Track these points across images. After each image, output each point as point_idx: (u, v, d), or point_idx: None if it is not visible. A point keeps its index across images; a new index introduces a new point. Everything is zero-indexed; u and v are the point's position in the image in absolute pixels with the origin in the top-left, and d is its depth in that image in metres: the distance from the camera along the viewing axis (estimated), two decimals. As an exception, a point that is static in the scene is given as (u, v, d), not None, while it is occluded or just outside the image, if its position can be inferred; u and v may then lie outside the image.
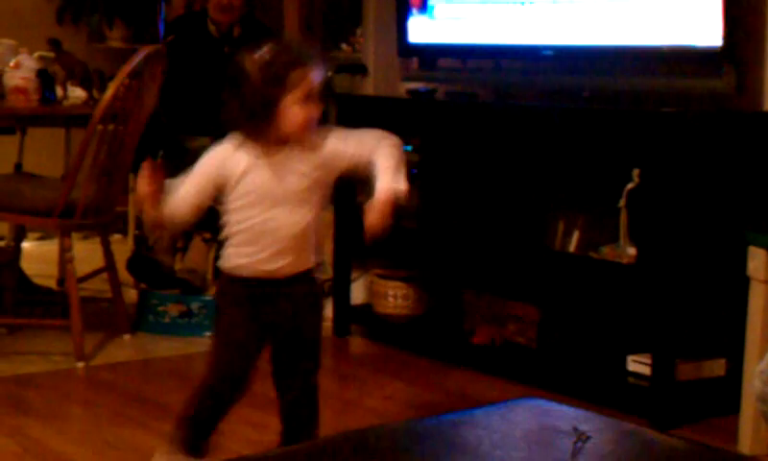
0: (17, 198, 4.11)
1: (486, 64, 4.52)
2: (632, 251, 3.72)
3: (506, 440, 2.00)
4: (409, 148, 4.62)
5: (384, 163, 2.61)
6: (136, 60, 4.09)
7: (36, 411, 3.64)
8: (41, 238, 5.61)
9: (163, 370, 4.16)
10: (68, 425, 3.54)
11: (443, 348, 4.31)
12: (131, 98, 4.10)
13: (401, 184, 2.60)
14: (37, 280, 4.97)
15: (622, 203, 3.73)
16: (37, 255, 5.56)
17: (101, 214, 4.23)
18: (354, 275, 4.69)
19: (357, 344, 4.62)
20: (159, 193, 2.69)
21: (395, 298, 4.49)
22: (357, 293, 4.70)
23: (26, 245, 5.15)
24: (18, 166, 5.03)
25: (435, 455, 1.92)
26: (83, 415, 3.68)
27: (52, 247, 4.93)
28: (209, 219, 4.79)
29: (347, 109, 4.66)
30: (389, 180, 2.59)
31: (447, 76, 4.67)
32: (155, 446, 3.01)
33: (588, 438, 1.91)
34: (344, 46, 5.83)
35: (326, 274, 5.06)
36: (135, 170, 4.39)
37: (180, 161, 4.79)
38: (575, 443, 1.89)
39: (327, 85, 5.75)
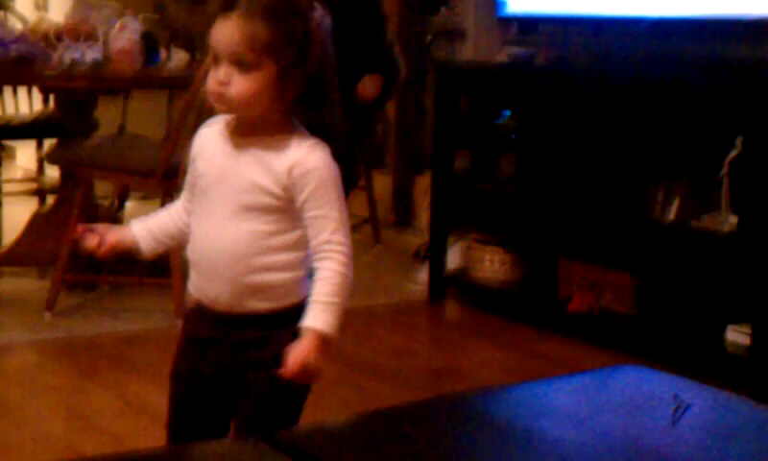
0: (121, 159, 4.19)
1: (585, 31, 4.48)
2: (733, 220, 3.67)
3: (605, 406, 2.00)
4: (508, 113, 4.61)
5: (318, 290, 1.98)
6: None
7: (137, 367, 3.72)
8: (144, 198, 5.70)
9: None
10: (163, 382, 3.60)
11: (538, 314, 4.30)
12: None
13: (328, 325, 1.96)
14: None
15: (724, 171, 3.68)
16: (140, 215, 5.65)
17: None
18: (451, 240, 4.70)
19: (452, 309, 4.63)
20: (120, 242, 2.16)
21: (491, 263, 4.49)
22: (453, 258, 4.70)
23: (129, 205, 5.24)
24: (122, 128, 5.12)
25: (533, 421, 1.93)
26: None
27: (155, 207, 5.00)
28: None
29: (445, 76, 4.65)
30: (319, 318, 1.97)
31: (546, 41, 4.63)
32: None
33: (689, 406, 1.90)
34: (443, 10, 5.81)
35: (423, 237, 5.09)
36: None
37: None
38: (675, 410, 1.89)
39: (425, 51, 5.76)
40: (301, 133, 2.03)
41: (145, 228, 2.17)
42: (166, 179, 4.11)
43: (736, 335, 3.69)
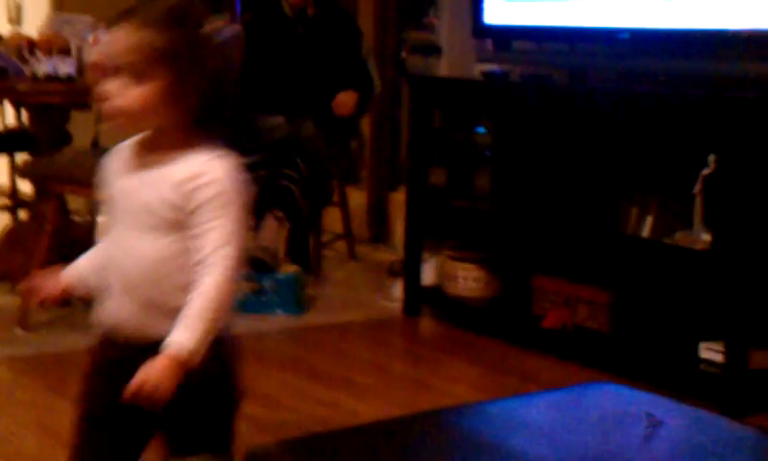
0: (95, 173, 4.16)
1: (561, 47, 4.50)
2: (706, 237, 3.68)
3: (578, 423, 2.00)
4: (482, 129, 4.62)
5: (189, 305, 1.87)
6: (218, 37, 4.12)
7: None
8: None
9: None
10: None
11: (513, 331, 4.30)
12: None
13: (186, 344, 1.84)
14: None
15: (698, 188, 3.69)
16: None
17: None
18: (426, 255, 4.69)
19: (427, 325, 4.62)
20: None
21: (465, 279, 4.49)
22: (428, 274, 4.70)
23: (103, 220, 5.22)
24: (95, 141, 5.10)
25: (507, 437, 1.92)
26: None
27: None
28: (282, 196, 4.86)
29: (420, 91, 4.65)
30: (180, 336, 1.85)
31: (522, 58, 4.65)
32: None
33: (661, 423, 1.90)
34: (419, 26, 5.83)
35: (397, 253, 5.08)
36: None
37: (253, 141, 4.86)
38: (647, 428, 1.89)
39: (400, 66, 5.77)
40: (206, 146, 1.94)
41: (89, 266, 2.10)
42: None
43: (710, 352, 3.70)
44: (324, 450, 1.96)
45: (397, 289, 4.76)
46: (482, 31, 4.68)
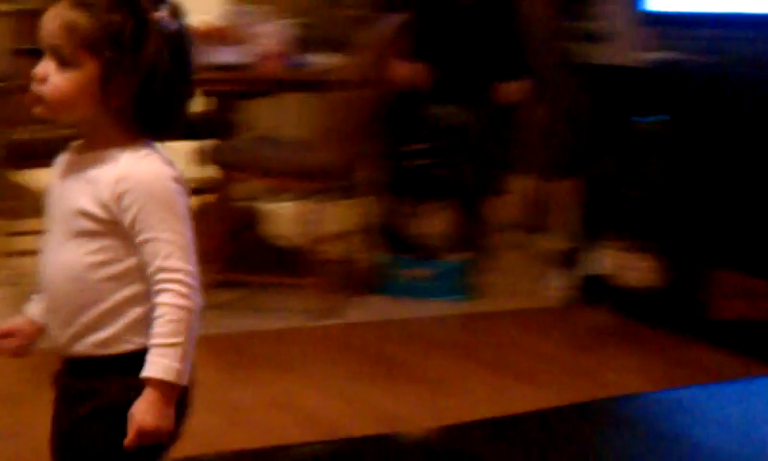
0: (264, 159, 4.27)
1: (729, 34, 4.40)
2: None
3: (760, 416, 1.97)
4: (654, 116, 4.55)
5: (155, 331, 1.68)
6: (386, 29, 4.18)
7: (282, 365, 3.79)
8: (288, 199, 5.77)
9: (405, 331, 4.24)
10: (311, 381, 3.67)
11: (683, 322, 4.23)
12: (378, 65, 4.20)
13: (168, 371, 1.67)
14: (282, 241, 5.14)
15: None
16: (283, 215, 5.73)
17: (344, 177, 4.35)
18: (597, 245, 4.65)
19: (595, 314, 4.59)
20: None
21: (637, 269, 4.43)
22: (597, 263, 4.66)
23: (273, 205, 5.33)
24: (259, 130, 5.20)
25: (688, 427, 1.91)
26: (325, 371, 3.79)
27: (298, 207, 5.08)
28: (447, 184, 4.89)
29: (590, 78, 4.62)
30: (156, 361, 1.67)
31: (694, 41, 4.56)
32: (395, 406, 3.09)
33: None
34: (582, 14, 5.77)
35: (562, 242, 5.06)
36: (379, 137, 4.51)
37: (419, 129, 4.90)
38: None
39: (565, 54, 5.72)
40: (139, 145, 1.71)
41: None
42: (308, 180, 4.18)
43: None
44: (494, 436, 1.98)
45: (562, 278, 4.74)
46: (648, 18, 4.62)
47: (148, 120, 1.70)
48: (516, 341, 4.17)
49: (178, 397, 1.69)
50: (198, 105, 5.09)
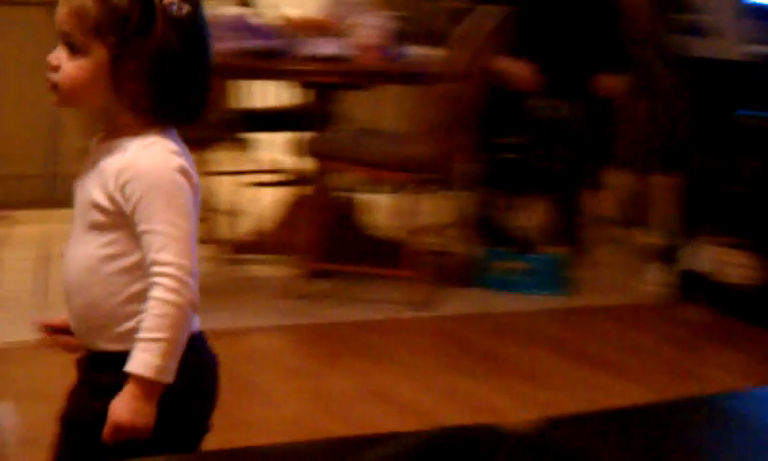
0: (361, 151, 4.30)
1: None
2: None
3: None
4: (758, 113, 4.49)
5: (143, 325, 1.64)
6: (487, 22, 4.18)
7: (377, 355, 3.81)
8: (385, 191, 5.80)
9: (500, 324, 4.24)
10: (407, 371, 3.69)
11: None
12: (477, 58, 4.20)
13: (147, 367, 1.62)
14: (379, 232, 5.17)
15: None
16: (380, 207, 5.76)
17: (441, 170, 4.36)
18: (696, 240, 4.60)
19: (693, 310, 4.54)
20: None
21: (736, 266, 4.38)
22: (695, 259, 4.61)
23: (369, 197, 5.35)
24: (355, 122, 5.22)
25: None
26: (421, 362, 3.81)
27: (395, 199, 5.10)
28: (544, 177, 4.87)
29: (690, 72, 4.56)
30: (138, 357, 1.63)
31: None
32: (490, 398, 3.09)
33: None
34: (687, 7, 5.70)
35: (658, 237, 5.01)
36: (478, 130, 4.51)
37: (517, 122, 4.89)
38: None
39: (664, 48, 5.66)
40: (149, 133, 1.68)
41: None
42: (407, 172, 4.20)
43: None
44: (599, 429, 1.97)
45: (659, 273, 4.70)
46: (750, 11, 4.55)
47: (161, 107, 1.67)
48: (613, 336, 4.14)
49: (160, 393, 1.63)
50: (297, 96, 5.15)
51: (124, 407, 1.62)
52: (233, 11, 4.67)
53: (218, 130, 4.66)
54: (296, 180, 4.95)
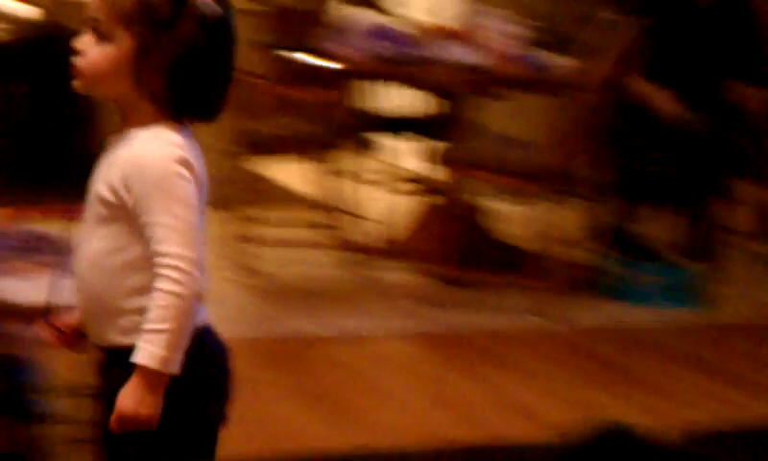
0: (496, 160, 4.30)
1: None
2: None
3: None
4: None
5: (148, 316, 1.63)
6: (625, 33, 4.15)
7: (507, 364, 3.80)
8: (517, 200, 5.76)
9: (633, 337, 4.18)
10: (536, 381, 3.67)
11: None
12: (615, 70, 4.17)
13: (152, 358, 1.61)
14: (510, 241, 5.14)
15: None
16: (512, 216, 5.73)
17: (574, 180, 4.33)
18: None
19: None
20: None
21: None
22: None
23: (502, 206, 5.32)
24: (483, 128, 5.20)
25: None
26: (551, 373, 3.78)
27: (527, 208, 5.07)
28: (672, 187, 4.80)
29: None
30: (143, 348, 1.62)
31: None
32: (622, 412, 3.05)
33: None
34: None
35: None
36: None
37: (645, 131, 4.82)
38: None
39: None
40: (160, 125, 1.68)
41: None
42: (546, 181, 4.18)
43: None
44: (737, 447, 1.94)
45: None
46: None
47: (179, 102, 1.67)
48: (750, 355, 4.05)
49: (166, 384, 1.63)
50: (431, 104, 5.16)
51: (129, 398, 1.63)
52: (368, 16, 4.71)
53: (346, 133, 4.71)
54: (428, 186, 4.96)
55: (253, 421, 3.15)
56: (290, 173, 5.84)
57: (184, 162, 1.65)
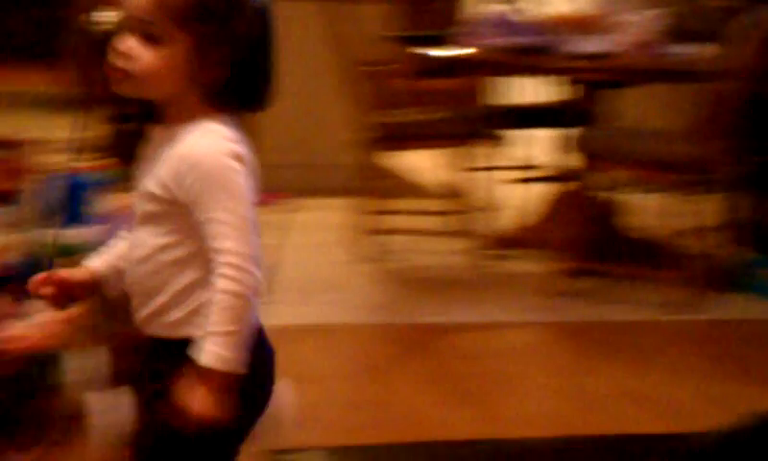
0: (628, 150, 4.26)
1: None
2: None
3: None
4: None
5: (209, 318, 1.63)
6: (763, 21, 4.09)
7: (635, 357, 3.78)
8: (649, 191, 5.69)
9: (763, 332, 4.12)
10: (663, 373, 3.64)
11: None
12: (754, 58, 4.10)
13: (214, 359, 1.61)
14: (641, 232, 5.08)
15: None
16: (643, 207, 5.66)
17: (708, 171, 4.26)
18: None
19: None
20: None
21: None
22: None
23: (633, 196, 5.26)
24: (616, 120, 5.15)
25: None
26: (678, 365, 3.73)
27: (659, 199, 5.01)
28: None
29: None
30: (207, 348, 1.62)
31: None
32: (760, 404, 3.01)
33: None
34: None
35: None
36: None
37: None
38: None
39: None
40: (212, 121, 1.67)
41: (107, 259, 1.82)
42: (680, 172, 4.14)
43: None
44: None
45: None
46: None
47: (234, 95, 1.67)
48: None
49: (234, 383, 1.63)
50: (564, 93, 5.13)
51: (194, 398, 1.61)
52: (497, 7, 4.71)
53: (477, 125, 4.72)
54: (559, 176, 4.95)
55: (381, 407, 3.19)
56: (422, 164, 5.88)
57: (237, 156, 1.65)
